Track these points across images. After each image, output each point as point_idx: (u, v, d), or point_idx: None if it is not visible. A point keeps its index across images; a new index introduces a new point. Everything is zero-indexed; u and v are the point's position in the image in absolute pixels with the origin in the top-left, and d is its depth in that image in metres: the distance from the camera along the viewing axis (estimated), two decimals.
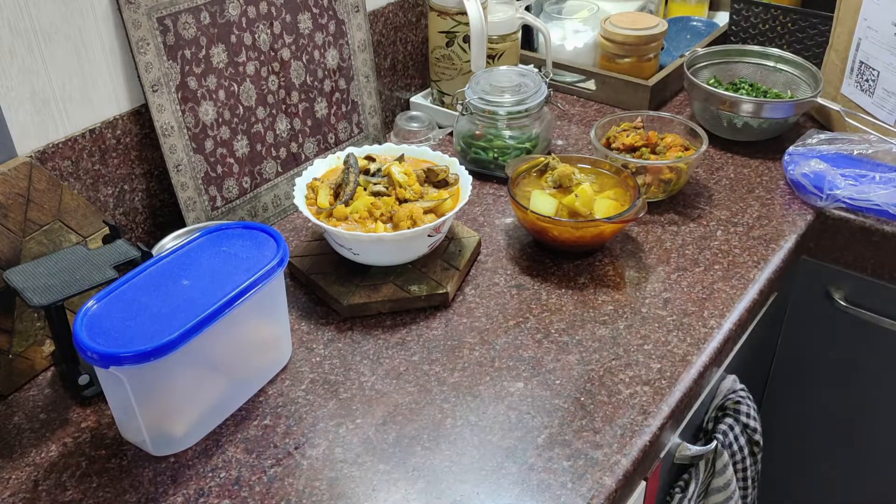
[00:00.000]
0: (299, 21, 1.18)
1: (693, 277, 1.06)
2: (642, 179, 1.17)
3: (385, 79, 1.40)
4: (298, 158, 1.22)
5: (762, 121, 1.30)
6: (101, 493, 0.80)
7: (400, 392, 0.91)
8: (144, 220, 1.11)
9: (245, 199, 1.16)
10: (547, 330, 0.98)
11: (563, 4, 1.63)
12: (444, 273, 1.04)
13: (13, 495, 0.80)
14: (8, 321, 0.90)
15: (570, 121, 1.43)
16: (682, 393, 0.90)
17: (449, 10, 1.33)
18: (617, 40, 1.44)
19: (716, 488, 1.09)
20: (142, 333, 0.76)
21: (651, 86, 1.41)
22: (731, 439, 1.11)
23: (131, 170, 1.07)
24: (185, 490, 0.81)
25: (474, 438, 0.85)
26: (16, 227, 0.90)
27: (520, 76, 1.27)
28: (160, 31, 1.02)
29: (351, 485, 0.81)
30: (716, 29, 1.63)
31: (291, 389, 0.92)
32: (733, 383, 1.14)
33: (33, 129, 0.96)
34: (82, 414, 0.89)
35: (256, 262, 0.86)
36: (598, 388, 0.90)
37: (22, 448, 0.86)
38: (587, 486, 0.79)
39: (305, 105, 1.22)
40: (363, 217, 1.01)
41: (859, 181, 1.18)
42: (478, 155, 1.27)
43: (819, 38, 1.46)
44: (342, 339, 0.98)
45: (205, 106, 1.09)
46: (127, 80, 1.04)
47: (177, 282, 0.83)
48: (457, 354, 0.95)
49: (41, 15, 0.93)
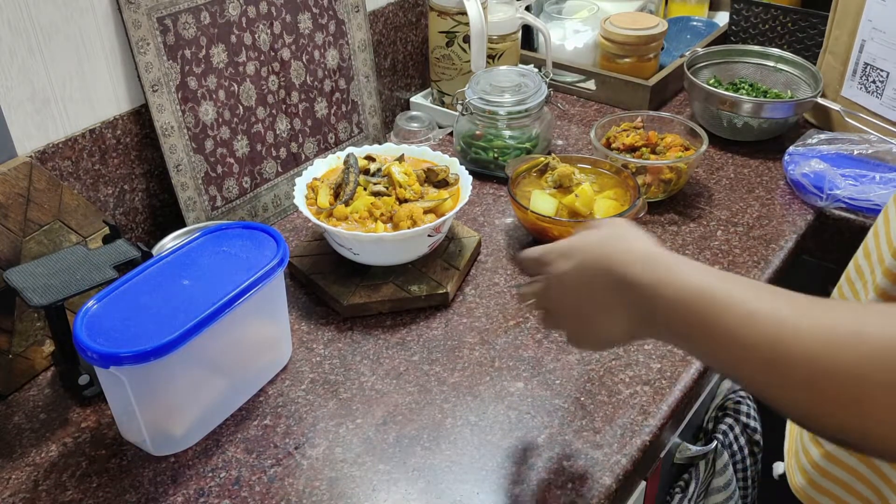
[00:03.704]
0: (299, 21, 1.18)
1: None
2: (642, 179, 1.17)
3: (385, 79, 1.40)
4: (298, 158, 1.22)
5: (762, 121, 1.30)
6: (101, 493, 0.80)
7: (400, 392, 0.91)
8: (144, 220, 1.11)
9: (245, 199, 1.16)
10: (547, 330, 0.98)
11: (563, 4, 1.63)
12: (444, 273, 1.04)
13: (13, 495, 0.80)
14: (8, 321, 0.90)
15: (570, 121, 1.43)
16: (682, 393, 0.90)
17: (449, 10, 1.33)
18: (617, 40, 1.44)
19: (716, 488, 1.09)
20: (142, 333, 0.76)
21: (651, 86, 1.41)
22: (731, 439, 1.11)
23: (131, 170, 1.07)
24: (185, 490, 0.81)
25: (474, 438, 0.85)
26: (16, 227, 0.90)
27: (520, 76, 1.27)
28: (160, 31, 1.02)
29: (351, 485, 0.81)
30: (716, 29, 1.63)
31: (291, 389, 0.92)
32: (733, 383, 1.14)
33: (33, 129, 0.96)
34: (82, 414, 0.89)
35: (256, 262, 0.86)
36: (598, 388, 0.90)
37: (22, 448, 0.85)
38: (587, 486, 0.79)
39: (305, 105, 1.22)
40: (363, 217, 1.01)
41: (859, 181, 1.18)
42: (478, 155, 1.27)
43: (819, 39, 1.46)
44: (342, 339, 0.98)
45: (205, 106, 1.09)
46: (127, 80, 1.04)
47: (177, 282, 0.83)
48: (457, 354, 0.95)
49: (41, 15, 0.93)
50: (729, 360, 0.54)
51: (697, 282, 0.56)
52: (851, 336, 0.48)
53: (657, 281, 0.59)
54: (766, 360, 0.50)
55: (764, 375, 0.51)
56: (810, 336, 0.49)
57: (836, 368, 0.47)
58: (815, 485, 0.79)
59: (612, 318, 0.64)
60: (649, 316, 0.60)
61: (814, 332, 0.49)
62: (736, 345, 0.53)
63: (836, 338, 0.48)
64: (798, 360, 0.49)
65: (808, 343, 0.49)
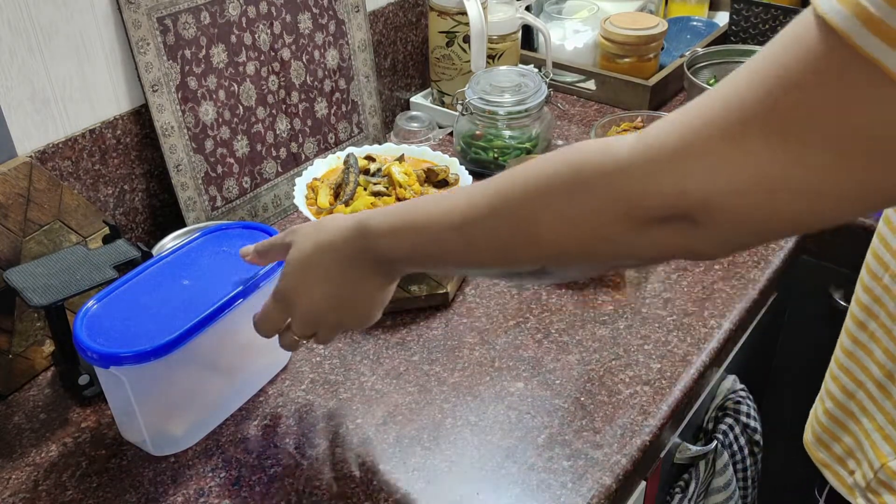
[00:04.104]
0: (299, 21, 1.18)
1: (693, 277, 1.06)
2: None
3: (385, 79, 1.40)
4: (298, 158, 1.22)
5: None
6: (101, 493, 0.80)
7: (400, 392, 0.91)
8: (144, 220, 1.11)
9: (245, 199, 1.16)
10: (547, 330, 0.98)
11: (563, 4, 1.63)
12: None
13: (13, 495, 0.80)
14: (8, 321, 0.90)
15: (570, 121, 1.43)
16: (682, 393, 0.90)
17: (449, 10, 1.33)
18: (617, 40, 1.44)
19: (716, 488, 1.09)
20: (142, 333, 0.76)
21: (651, 86, 1.41)
22: (731, 439, 1.11)
23: (131, 170, 1.07)
24: (185, 490, 0.81)
25: (474, 438, 0.85)
26: (16, 227, 0.90)
27: (520, 76, 1.27)
28: (160, 31, 1.02)
29: (351, 484, 0.81)
30: (716, 29, 1.63)
31: (291, 389, 0.92)
32: (733, 383, 1.14)
33: (33, 129, 0.96)
34: (82, 414, 0.89)
35: None
36: (598, 388, 0.90)
37: (22, 448, 0.85)
38: (587, 486, 0.79)
39: (305, 105, 1.22)
40: None
41: None
42: (478, 155, 1.27)
43: None
44: (342, 339, 0.98)
45: (205, 106, 1.08)
46: (127, 80, 1.04)
47: (177, 282, 0.83)
48: (457, 354, 0.95)
49: (41, 15, 0.93)
50: (440, 255, 0.65)
51: (396, 209, 0.67)
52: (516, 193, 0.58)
53: (369, 226, 0.68)
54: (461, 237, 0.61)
55: (464, 248, 0.62)
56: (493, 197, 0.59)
57: (511, 217, 0.58)
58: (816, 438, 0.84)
59: (360, 289, 0.72)
60: (379, 260, 0.69)
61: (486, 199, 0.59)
62: (439, 240, 0.63)
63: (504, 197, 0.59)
64: (480, 228, 0.60)
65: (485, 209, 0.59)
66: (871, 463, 0.75)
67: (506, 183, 0.59)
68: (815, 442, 0.84)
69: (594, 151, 0.53)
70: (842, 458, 0.80)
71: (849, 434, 0.79)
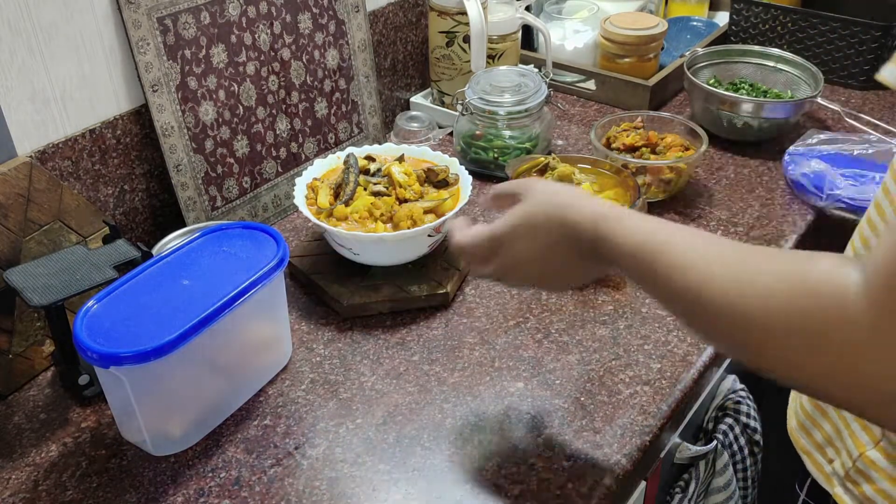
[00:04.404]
0: (299, 21, 1.18)
1: None
2: (642, 179, 1.17)
3: (385, 79, 1.40)
4: (298, 158, 1.22)
5: (762, 121, 1.30)
6: (101, 493, 0.80)
7: (400, 392, 0.91)
8: (144, 220, 1.11)
9: (245, 199, 1.16)
10: (547, 330, 0.98)
11: (563, 4, 1.63)
12: (444, 273, 1.04)
13: (13, 495, 0.80)
14: (8, 321, 0.90)
15: (570, 121, 1.43)
16: (682, 393, 0.90)
17: (449, 10, 1.33)
18: (617, 40, 1.44)
19: (716, 488, 1.09)
20: (142, 333, 0.76)
21: (651, 86, 1.41)
22: (731, 439, 1.11)
23: (131, 170, 1.07)
24: (185, 490, 0.81)
25: (474, 438, 0.85)
26: (16, 227, 0.90)
27: (520, 76, 1.27)
28: (160, 31, 1.02)
29: (351, 485, 0.81)
30: (716, 29, 1.63)
31: (291, 389, 0.92)
32: (733, 383, 1.14)
33: (33, 129, 0.96)
34: (82, 414, 0.89)
35: (256, 262, 0.86)
36: (598, 388, 0.90)
37: (22, 448, 0.85)
38: (587, 486, 0.79)
39: (305, 105, 1.22)
40: (363, 217, 1.01)
41: (859, 181, 1.18)
42: (478, 155, 1.27)
43: (819, 38, 1.46)
44: (342, 339, 0.98)
45: (205, 106, 1.09)
46: (127, 80, 1.04)
47: (177, 282, 0.83)
48: (457, 354, 0.95)
49: (41, 15, 0.93)
50: (664, 301, 0.65)
51: (643, 233, 0.65)
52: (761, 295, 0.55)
53: (609, 232, 0.67)
54: (692, 306, 0.60)
55: (690, 318, 0.62)
56: (729, 290, 0.57)
57: (746, 323, 0.56)
58: (800, 424, 0.85)
59: (569, 266, 0.73)
60: (603, 261, 0.69)
61: (734, 287, 0.57)
62: (668, 290, 0.62)
63: (749, 297, 0.56)
64: (716, 311, 0.58)
65: (727, 297, 0.57)
66: (849, 451, 0.76)
67: (748, 287, 0.56)
68: (798, 428, 0.85)
69: (829, 307, 0.52)
70: (821, 445, 0.81)
71: (828, 421, 0.80)
